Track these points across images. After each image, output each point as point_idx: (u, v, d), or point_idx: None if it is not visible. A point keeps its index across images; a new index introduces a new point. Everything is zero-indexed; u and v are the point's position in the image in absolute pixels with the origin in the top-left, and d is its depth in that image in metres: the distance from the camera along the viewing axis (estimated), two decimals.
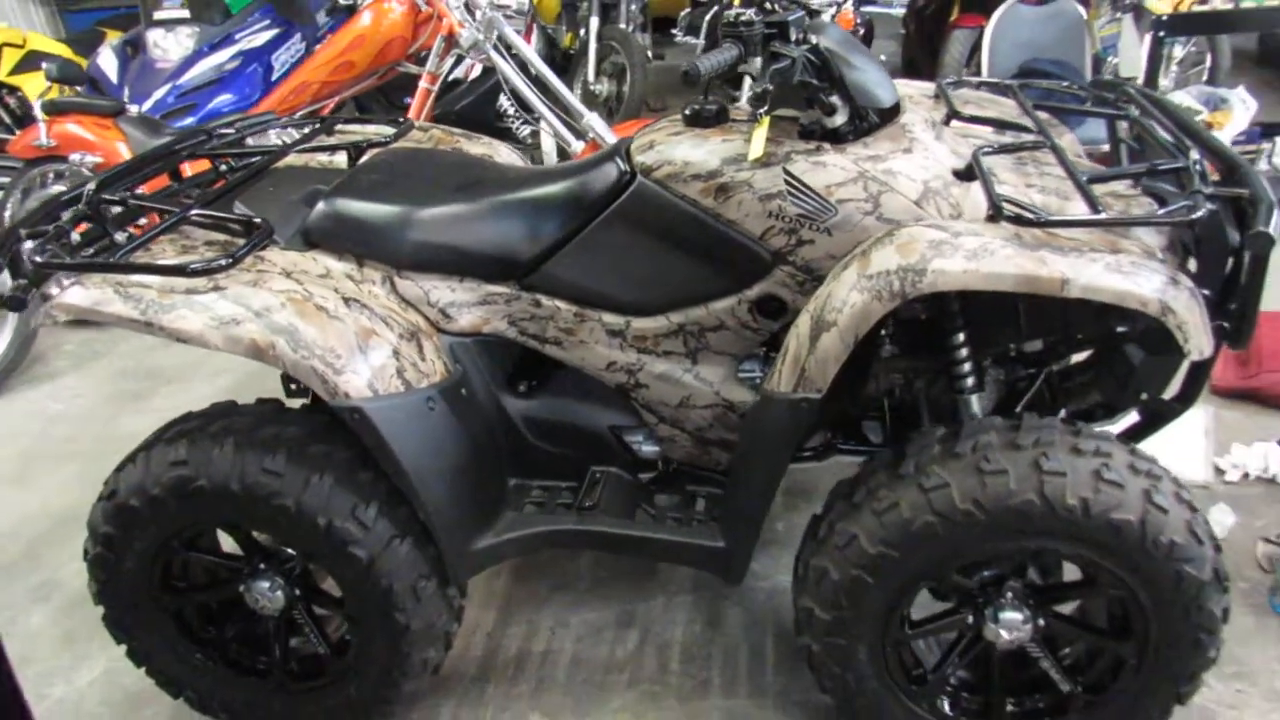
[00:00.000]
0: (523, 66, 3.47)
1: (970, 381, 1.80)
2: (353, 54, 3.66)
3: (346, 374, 1.65)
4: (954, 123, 1.90)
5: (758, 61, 1.64)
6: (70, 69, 3.69)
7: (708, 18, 5.07)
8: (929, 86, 2.14)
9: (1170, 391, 1.84)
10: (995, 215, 1.51)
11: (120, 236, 1.74)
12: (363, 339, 1.69)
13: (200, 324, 1.63)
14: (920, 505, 1.55)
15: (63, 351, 3.88)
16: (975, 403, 1.80)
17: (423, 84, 3.60)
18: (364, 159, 2.10)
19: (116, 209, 1.78)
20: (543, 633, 2.23)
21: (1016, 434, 1.55)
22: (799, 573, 1.74)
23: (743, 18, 1.63)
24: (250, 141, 2.29)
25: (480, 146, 2.36)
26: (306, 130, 2.34)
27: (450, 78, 3.83)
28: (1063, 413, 1.96)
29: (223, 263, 1.65)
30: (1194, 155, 1.59)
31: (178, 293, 1.66)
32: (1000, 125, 1.88)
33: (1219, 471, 2.55)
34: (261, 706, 1.97)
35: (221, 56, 4.56)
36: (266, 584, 1.86)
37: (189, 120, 4.30)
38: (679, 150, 1.75)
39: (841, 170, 1.68)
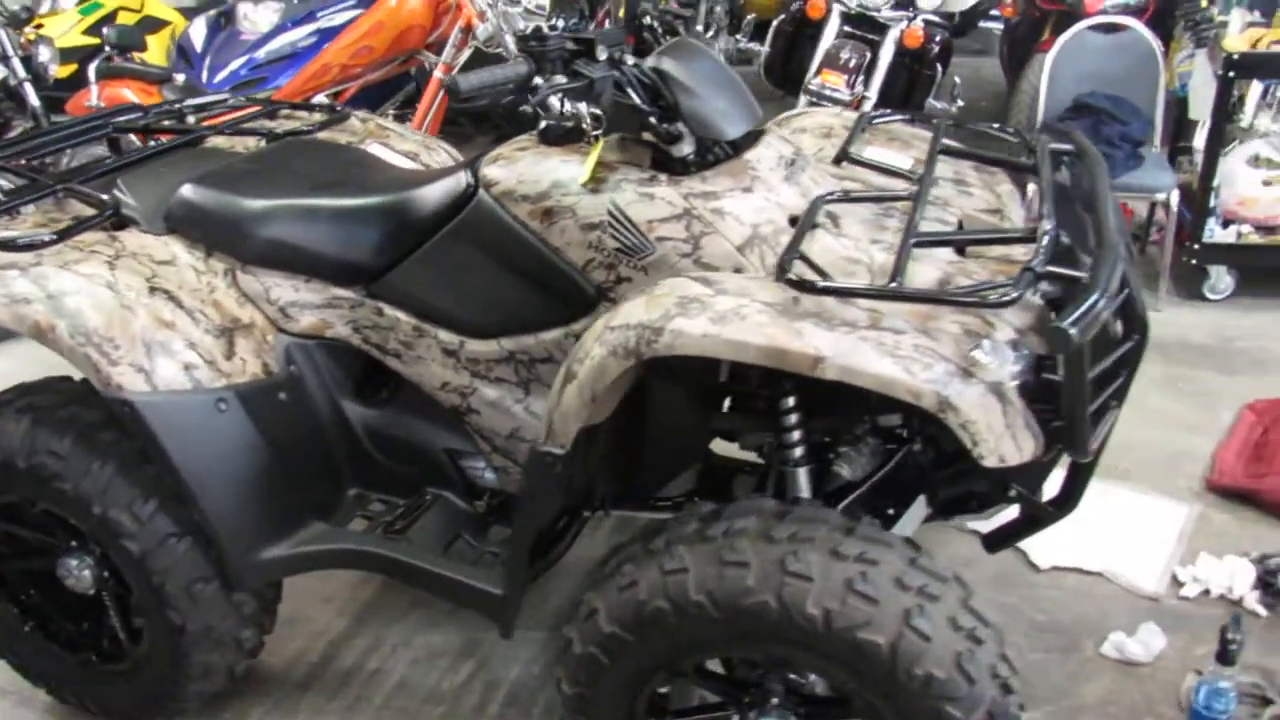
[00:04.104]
0: None
1: (797, 453, 1.61)
2: (372, 39, 3.67)
3: (122, 366, 1.61)
4: (845, 164, 1.72)
5: (559, 79, 1.50)
6: (127, 35, 3.87)
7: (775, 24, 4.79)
8: (852, 118, 1.95)
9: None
10: (780, 274, 1.34)
11: None
12: (152, 331, 1.65)
13: None
14: (656, 588, 1.38)
15: None
16: (802, 477, 1.62)
17: (436, 74, 3.58)
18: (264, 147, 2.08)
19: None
20: (383, 649, 2.15)
21: (775, 524, 1.36)
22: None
23: (540, 32, 1.49)
24: (190, 120, 2.32)
25: (409, 144, 2.29)
26: (245, 113, 2.34)
27: None
28: (921, 498, 1.73)
29: (45, 238, 1.66)
30: (1046, 226, 1.36)
31: None
32: (891, 173, 1.68)
33: (1177, 583, 2.20)
34: (73, 682, 1.98)
35: (299, 33, 4.67)
36: (75, 561, 1.85)
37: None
38: (517, 166, 1.64)
39: (668, 205, 1.53)
